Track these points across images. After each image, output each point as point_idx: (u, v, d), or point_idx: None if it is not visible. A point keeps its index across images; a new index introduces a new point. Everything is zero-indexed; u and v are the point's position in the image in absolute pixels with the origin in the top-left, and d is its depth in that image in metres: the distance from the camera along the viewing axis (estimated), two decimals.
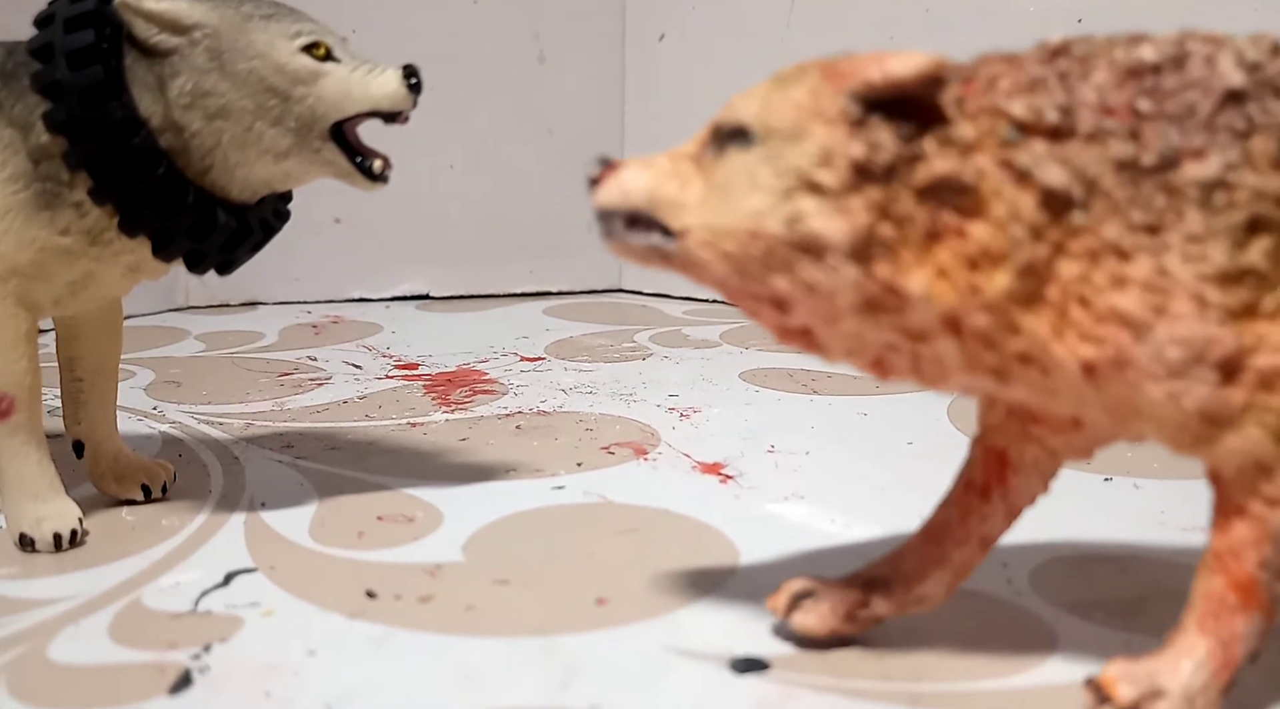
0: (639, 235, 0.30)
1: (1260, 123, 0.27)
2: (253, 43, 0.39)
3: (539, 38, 1.12)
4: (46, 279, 0.40)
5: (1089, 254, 0.27)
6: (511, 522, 0.45)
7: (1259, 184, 0.26)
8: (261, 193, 0.42)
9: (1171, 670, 0.28)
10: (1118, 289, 0.26)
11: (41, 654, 0.33)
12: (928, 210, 0.27)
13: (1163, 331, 0.26)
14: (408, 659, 0.33)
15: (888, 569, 0.34)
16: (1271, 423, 0.27)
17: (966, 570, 0.34)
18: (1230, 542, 0.28)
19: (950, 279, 0.27)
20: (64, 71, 0.38)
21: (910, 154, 0.27)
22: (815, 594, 0.34)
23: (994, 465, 0.33)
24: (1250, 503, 0.28)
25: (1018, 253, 0.27)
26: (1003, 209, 0.27)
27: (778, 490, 0.49)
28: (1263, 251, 0.26)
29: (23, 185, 0.39)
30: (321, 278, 1.09)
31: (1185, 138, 0.26)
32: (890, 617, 0.34)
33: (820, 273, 0.27)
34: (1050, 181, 0.26)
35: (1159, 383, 0.26)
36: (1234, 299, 0.26)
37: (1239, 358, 0.26)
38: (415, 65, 0.41)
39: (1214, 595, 0.29)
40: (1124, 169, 0.26)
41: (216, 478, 0.51)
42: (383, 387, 0.70)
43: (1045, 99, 0.27)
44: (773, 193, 0.27)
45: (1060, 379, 0.28)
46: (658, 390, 0.69)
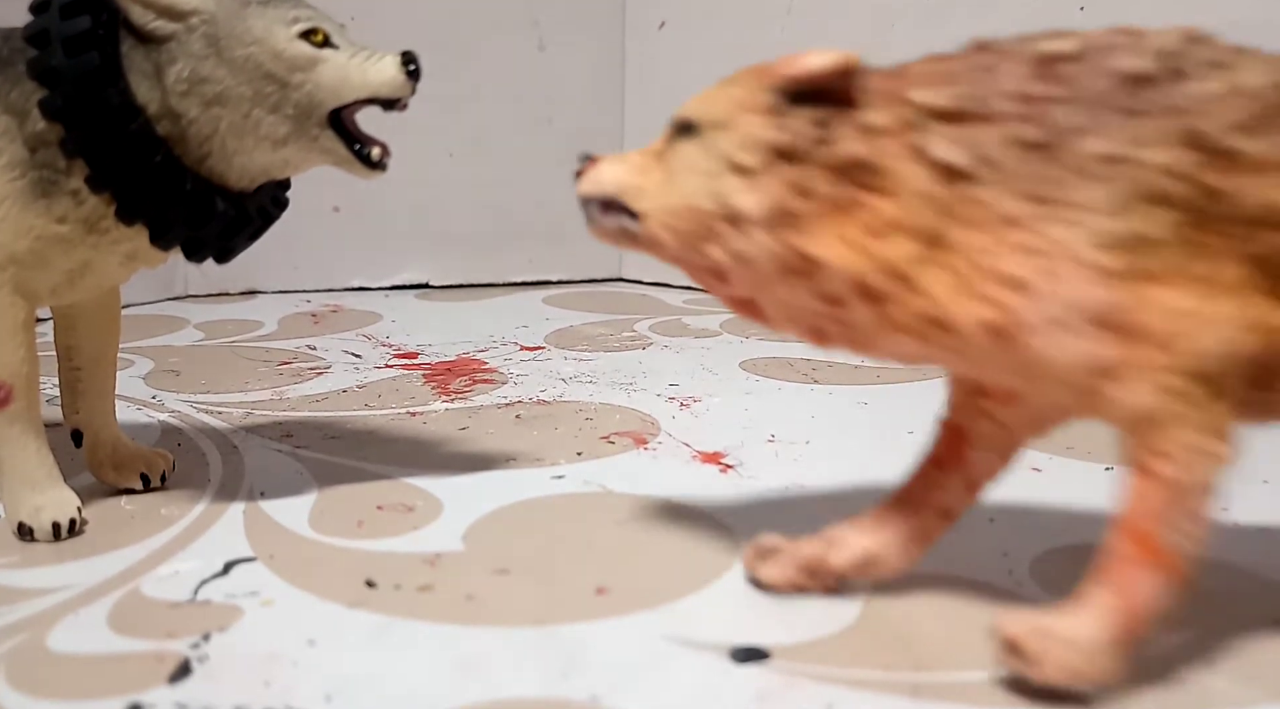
0: (611, 218, 0.34)
1: (1157, 104, 0.29)
2: (250, 29, 0.39)
3: (539, 25, 1.12)
4: (44, 267, 0.40)
5: (983, 222, 0.29)
6: (511, 511, 0.45)
7: (1149, 158, 0.28)
8: (259, 180, 0.41)
9: (1072, 620, 0.30)
10: (1008, 254, 0.29)
11: (40, 643, 0.33)
12: (836, 185, 0.30)
13: (1047, 292, 0.28)
14: (407, 649, 0.33)
15: (849, 530, 0.36)
16: (1157, 379, 0.28)
17: (925, 538, 0.36)
18: (1130, 496, 0.30)
19: (854, 246, 0.30)
20: (60, 58, 0.37)
21: (822, 138, 0.30)
22: (780, 550, 0.37)
23: (952, 439, 0.35)
24: (1145, 458, 0.29)
25: (914, 221, 0.30)
26: (901, 183, 0.30)
27: (778, 480, 0.49)
28: (1151, 220, 0.28)
29: (19, 173, 0.39)
30: (320, 266, 1.08)
31: (1076, 118, 0.29)
32: (848, 576, 0.36)
33: (742, 242, 0.31)
34: (942, 157, 0.29)
35: (1045, 340, 0.29)
36: (1119, 263, 0.28)
37: (1122, 317, 0.28)
38: (414, 52, 0.41)
39: (1117, 550, 0.30)
40: (1017, 146, 0.29)
41: (215, 467, 0.50)
42: (382, 376, 0.70)
43: (950, 88, 0.30)
44: (706, 174, 0.32)
45: (968, 341, 0.30)
46: (658, 380, 0.69)
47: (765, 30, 1.02)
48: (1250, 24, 0.74)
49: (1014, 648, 0.30)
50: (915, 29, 0.92)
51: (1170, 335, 0.28)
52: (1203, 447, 0.29)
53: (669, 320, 0.92)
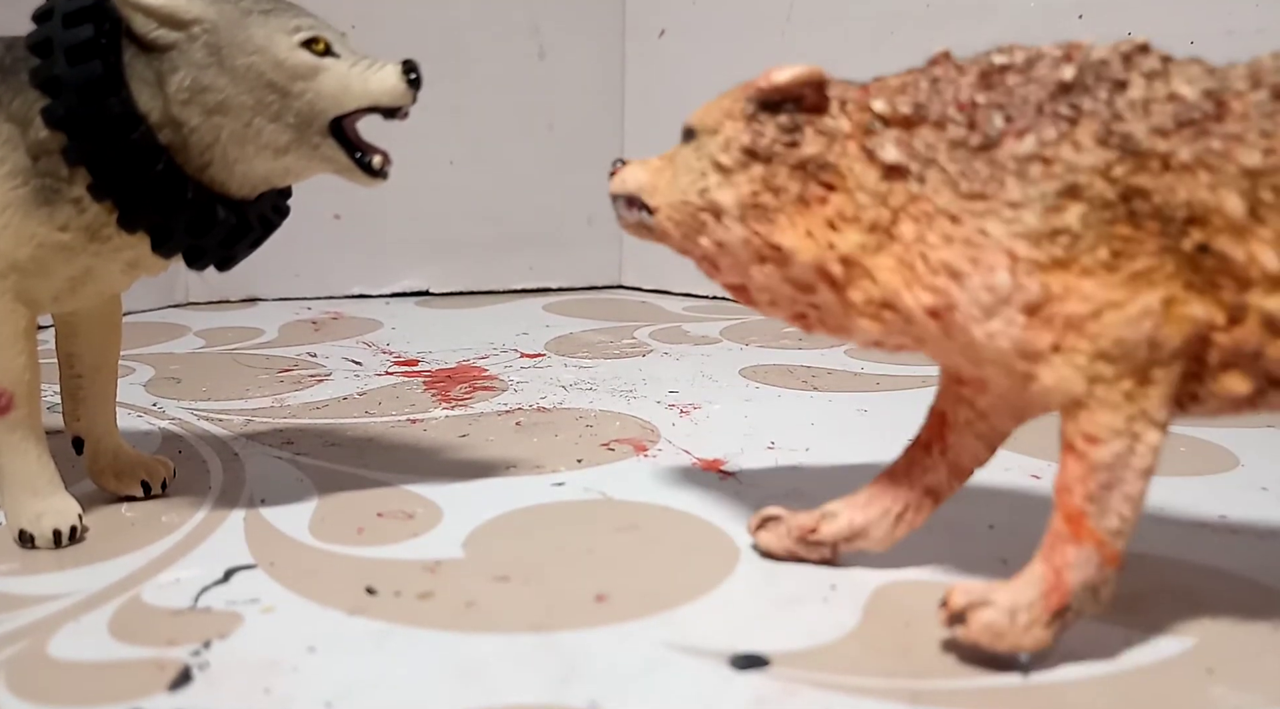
0: (633, 213, 0.39)
1: (1088, 109, 0.31)
2: (251, 38, 0.39)
3: (539, 33, 1.12)
4: (46, 275, 0.40)
5: (926, 217, 0.32)
6: (511, 518, 0.45)
7: (1076, 159, 0.31)
8: (261, 188, 0.41)
9: (1006, 589, 0.32)
10: (946, 245, 0.32)
11: (41, 651, 0.33)
12: (799, 182, 0.34)
13: (977, 280, 0.31)
14: (407, 656, 0.33)
15: (841, 504, 0.39)
16: (1080, 363, 0.30)
17: (913, 516, 0.39)
18: (1064, 478, 0.31)
19: (814, 237, 0.34)
20: (63, 66, 0.38)
21: (790, 140, 0.34)
22: (780, 519, 0.40)
23: (936, 424, 0.38)
24: (1075, 440, 0.31)
25: (865, 215, 0.33)
26: (854, 181, 0.34)
27: (778, 487, 0.49)
28: (1076, 215, 0.30)
29: (21, 181, 0.39)
30: (321, 274, 1.08)
31: (1009, 122, 0.32)
32: (840, 547, 0.39)
33: (721, 231, 0.35)
34: (887, 158, 0.33)
35: (978, 324, 0.31)
36: (1044, 254, 0.30)
37: (1046, 304, 0.30)
38: (415, 60, 0.41)
39: (1053, 528, 0.32)
40: (957, 147, 0.32)
41: (216, 474, 0.51)
42: (382, 383, 0.70)
43: (905, 97, 0.34)
44: (695, 172, 0.36)
45: (918, 326, 0.33)
46: (658, 387, 0.69)
47: (764, 38, 1.02)
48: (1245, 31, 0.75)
49: (951, 610, 0.32)
50: (913, 37, 0.92)
51: (1089, 321, 0.30)
52: (1130, 429, 0.31)
53: (669, 327, 0.92)
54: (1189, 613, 0.36)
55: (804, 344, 0.84)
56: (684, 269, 1.13)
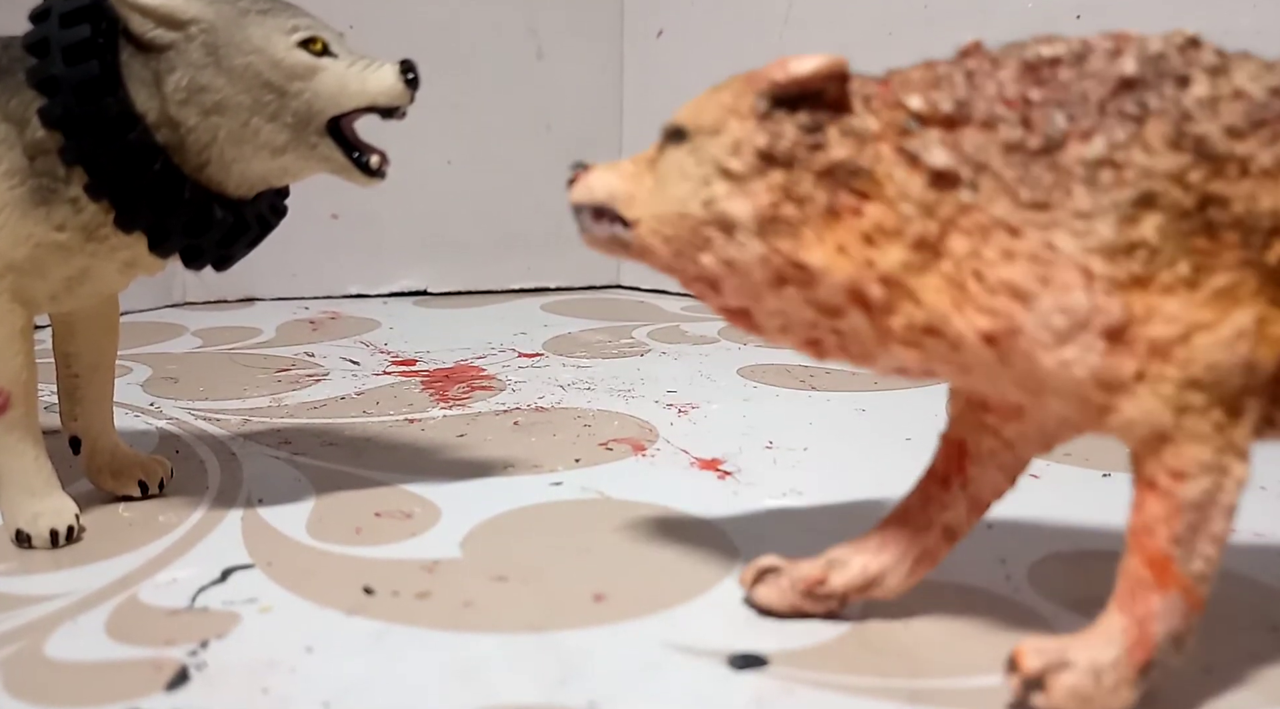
0: (603, 226, 0.33)
1: (1155, 108, 0.28)
2: (249, 38, 0.39)
3: (537, 33, 1.12)
4: (42, 275, 0.40)
5: (980, 230, 0.28)
6: (509, 518, 0.45)
7: (1149, 163, 0.27)
8: (258, 188, 0.41)
9: (1084, 645, 0.29)
10: (1007, 262, 0.28)
11: (38, 651, 0.33)
12: (827, 191, 0.29)
13: (1048, 301, 0.28)
14: (405, 655, 0.33)
15: (850, 550, 0.35)
16: (1167, 392, 0.27)
17: (930, 559, 0.35)
18: (1144, 519, 0.28)
19: (848, 253, 0.29)
20: (60, 66, 0.38)
21: (813, 142, 0.30)
22: (779, 571, 0.36)
23: (954, 455, 0.34)
24: (1157, 477, 0.28)
25: (909, 228, 0.29)
26: (894, 189, 0.29)
27: (776, 486, 0.49)
28: (1154, 227, 0.27)
29: (18, 181, 0.39)
30: (319, 273, 1.08)
31: (1072, 122, 0.28)
32: (850, 598, 0.35)
33: (733, 249, 0.30)
34: (935, 163, 0.29)
35: (1049, 351, 0.28)
36: (1122, 271, 0.27)
37: (1128, 327, 0.27)
38: (412, 60, 0.41)
39: (1131, 574, 0.29)
40: (1013, 151, 0.28)
41: (214, 474, 0.50)
42: (380, 383, 0.70)
43: (943, 93, 0.30)
44: (695, 180, 0.31)
45: (968, 353, 0.29)
46: (656, 386, 0.69)
47: (763, 38, 1.02)
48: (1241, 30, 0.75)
49: (1026, 675, 0.29)
50: (912, 37, 0.92)
51: (1178, 346, 0.27)
52: (1219, 464, 0.28)
53: (667, 327, 0.92)
54: None
55: None
56: None
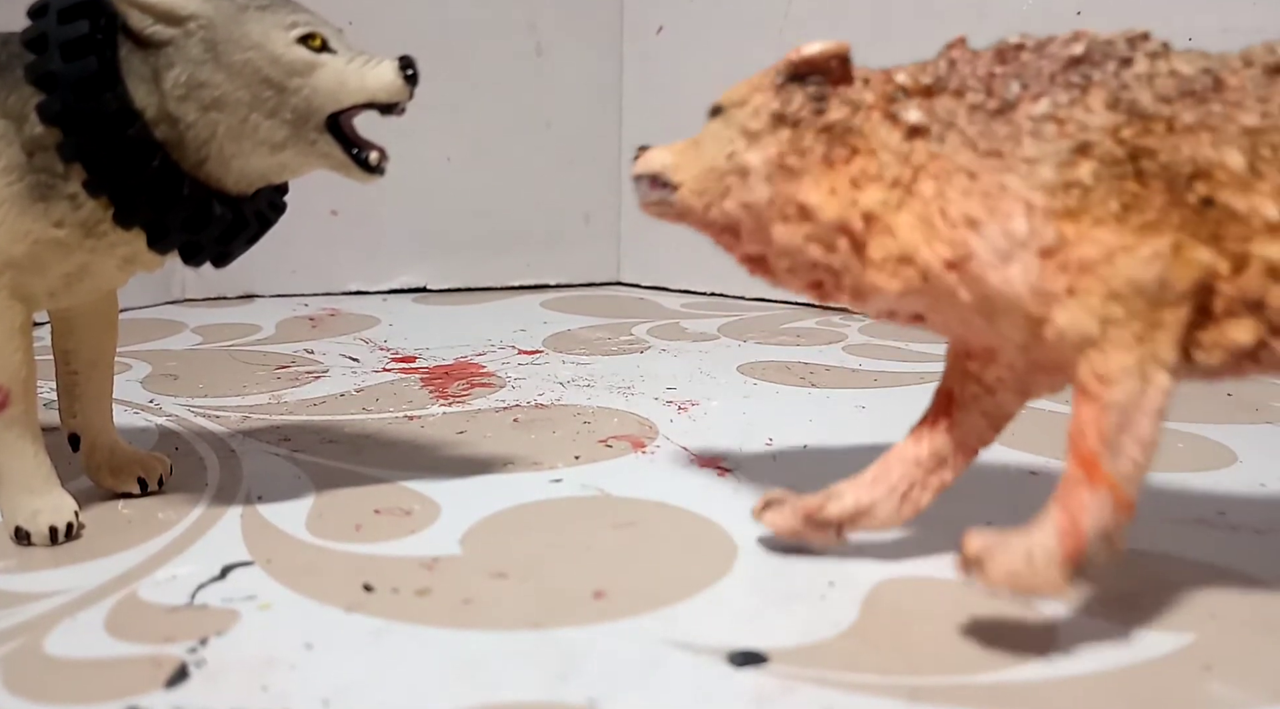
0: (655, 192, 0.40)
1: (1097, 79, 0.34)
2: (248, 34, 0.39)
3: (536, 29, 1.12)
4: (41, 272, 0.40)
5: (945, 174, 0.34)
6: (509, 515, 0.45)
7: (1087, 120, 0.33)
8: (257, 185, 0.41)
9: (1021, 534, 0.32)
10: (965, 198, 0.33)
11: (38, 648, 0.33)
12: (825, 145, 0.36)
13: (995, 227, 0.33)
14: (405, 652, 0.33)
15: (847, 485, 0.40)
16: (1092, 304, 0.32)
17: (919, 496, 0.39)
18: (1078, 423, 0.32)
19: (838, 194, 0.35)
20: (58, 63, 0.37)
21: (817, 108, 0.36)
22: (784, 501, 0.41)
23: (943, 402, 0.39)
24: (1088, 383, 0.32)
25: (887, 172, 0.35)
26: (878, 142, 0.35)
27: (776, 483, 0.49)
28: (1089, 171, 0.32)
29: (17, 177, 0.39)
30: (318, 270, 1.08)
31: (1025, 89, 0.34)
32: (845, 527, 0.39)
33: (747, 192, 0.37)
34: (910, 119, 0.35)
35: (995, 270, 0.33)
36: (1059, 204, 0.32)
37: (1060, 249, 0.32)
38: (412, 57, 0.41)
39: (1068, 474, 0.32)
40: (975, 111, 0.34)
41: (213, 471, 0.50)
42: (380, 380, 0.70)
43: (926, 73, 0.36)
44: (723, 141, 0.38)
45: (936, 282, 0.34)
46: (655, 383, 0.69)
47: (762, 35, 1.02)
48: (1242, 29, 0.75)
49: (969, 556, 0.32)
50: (909, 36, 0.92)
51: (1102, 264, 0.32)
52: (1141, 371, 0.31)
53: (667, 324, 0.92)
54: (1187, 609, 0.36)
55: (802, 341, 0.84)
56: (682, 266, 1.13)
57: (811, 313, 0.99)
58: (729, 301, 1.06)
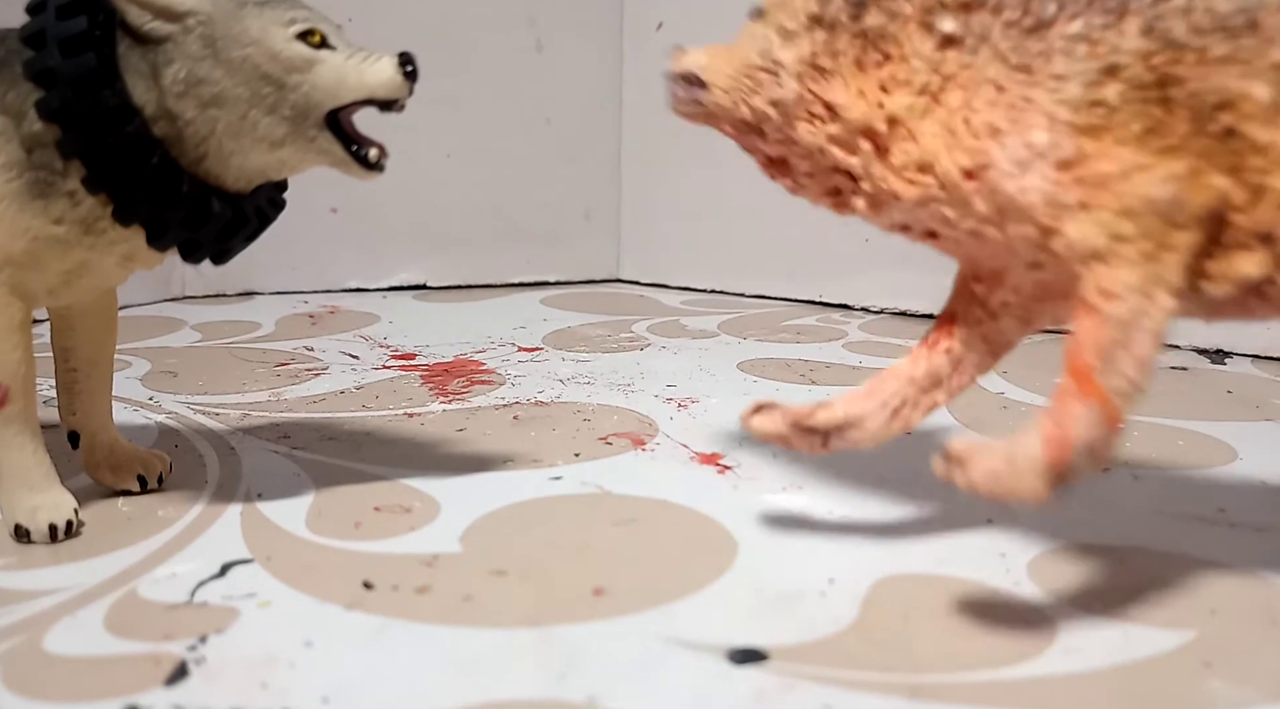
0: (687, 90, 0.39)
1: (1134, 7, 0.33)
2: (247, 30, 0.39)
3: (536, 25, 1.12)
4: (40, 269, 0.40)
5: (974, 84, 0.34)
6: (509, 512, 0.45)
7: (1119, 43, 0.33)
8: (256, 181, 0.41)
9: (1008, 441, 0.33)
10: (990, 108, 0.34)
11: (37, 645, 0.33)
12: (858, 49, 0.36)
13: (1016, 138, 0.33)
14: (405, 650, 0.33)
15: (839, 396, 0.40)
16: (1105, 219, 0.32)
17: (909, 414, 0.40)
18: (1077, 335, 0.32)
19: (866, 96, 0.36)
20: (57, 59, 0.37)
21: (854, 13, 0.36)
22: (774, 406, 0.41)
23: (945, 324, 0.40)
24: (1091, 296, 0.32)
25: (916, 79, 0.35)
26: (911, 48, 0.35)
27: (776, 481, 0.49)
28: (1115, 92, 0.32)
29: (15, 174, 0.39)
30: (318, 267, 1.08)
31: (1062, 9, 0.34)
32: (832, 437, 0.40)
33: (775, 89, 0.37)
34: (944, 29, 0.35)
35: (1012, 179, 0.33)
36: (1081, 120, 0.32)
37: (1078, 162, 0.32)
38: (411, 53, 0.41)
39: (1060, 386, 0.32)
40: (1010, 27, 0.34)
41: (213, 468, 0.50)
42: (380, 377, 0.70)
43: None
44: (760, 38, 0.38)
45: (952, 191, 0.34)
46: (655, 381, 0.69)
47: None
48: None
49: (951, 456, 0.33)
50: None
51: (1119, 180, 0.32)
52: (1145, 290, 0.32)
53: (667, 321, 0.92)
54: (1187, 606, 0.36)
55: (802, 338, 0.84)
56: (682, 263, 1.13)
57: (812, 310, 0.99)
58: (729, 299, 1.06)
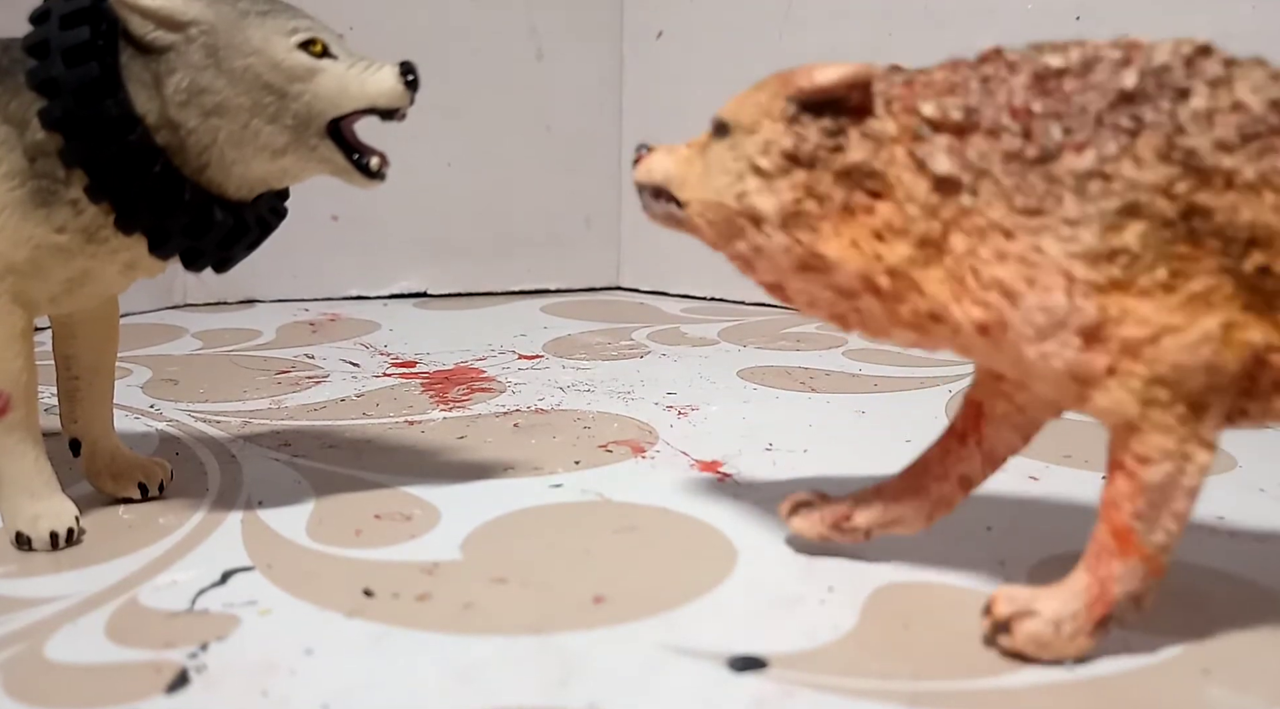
0: (660, 205, 0.38)
1: (1150, 121, 0.30)
2: (249, 39, 0.39)
3: (537, 34, 1.12)
4: (43, 277, 0.40)
5: (978, 231, 0.31)
6: (509, 520, 0.45)
7: (1137, 176, 0.30)
8: (258, 190, 0.41)
9: (1050, 597, 0.32)
10: (1000, 262, 0.31)
11: (38, 653, 0.33)
12: (844, 190, 0.33)
13: (1032, 300, 0.30)
14: (405, 658, 0.33)
15: (874, 491, 0.40)
16: (1135, 387, 0.30)
17: (945, 505, 0.39)
18: (1113, 494, 0.32)
19: (860, 248, 0.33)
20: (60, 68, 0.38)
21: (834, 145, 0.33)
22: (813, 504, 0.40)
23: (972, 415, 0.38)
24: (1125, 459, 0.31)
25: (914, 228, 0.32)
26: (903, 191, 0.32)
27: (776, 488, 0.49)
28: (1136, 235, 0.29)
29: (18, 182, 0.39)
30: (319, 275, 1.08)
31: (1068, 134, 0.30)
32: (874, 532, 0.39)
33: (761, 239, 0.34)
34: (939, 170, 0.32)
35: (1031, 344, 0.31)
36: (1101, 276, 0.30)
37: (1102, 327, 0.30)
38: (412, 62, 0.41)
39: (1099, 540, 0.32)
40: (1012, 159, 0.31)
41: (214, 476, 0.50)
42: (380, 384, 0.70)
43: (955, 100, 0.32)
44: (732, 174, 0.35)
45: (967, 338, 0.33)
46: (656, 388, 0.69)
47: (763, 39, 1.02)
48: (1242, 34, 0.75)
49: (995, 619, 0.33)
50: (911, 38, 0.92)
51: (1147, 346, 0.30)
52: (1181, 452, 0.30)
53: (667, 329, 0.92)
54: (1186, 614, 0.36)
55: (802, 346, 0.84)
56: (682, 270, 1.13)
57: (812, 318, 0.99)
58: (729, 306, 1.06)
